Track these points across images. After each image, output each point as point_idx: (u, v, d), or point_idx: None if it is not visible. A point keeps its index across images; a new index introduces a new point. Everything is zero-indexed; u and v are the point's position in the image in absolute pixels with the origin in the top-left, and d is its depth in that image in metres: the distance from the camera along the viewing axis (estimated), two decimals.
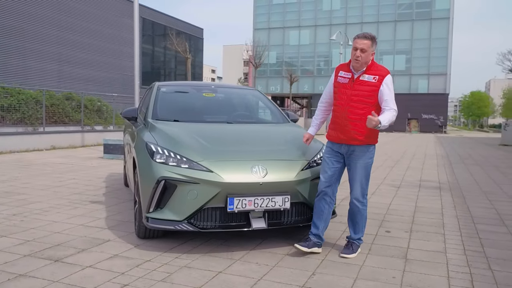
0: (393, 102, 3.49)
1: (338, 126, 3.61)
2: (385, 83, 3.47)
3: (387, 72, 3.53)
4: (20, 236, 3.99)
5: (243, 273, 3.22)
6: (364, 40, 3.45)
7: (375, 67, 3.53)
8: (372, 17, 46.50)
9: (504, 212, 5.41)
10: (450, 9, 43.81)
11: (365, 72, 3.51)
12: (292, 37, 49.48)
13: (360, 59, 3.45)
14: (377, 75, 3.49)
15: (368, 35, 3.50)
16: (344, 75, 3.62)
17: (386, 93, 3.46)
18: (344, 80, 3.60)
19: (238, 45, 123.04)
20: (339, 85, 3.63)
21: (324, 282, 3.08)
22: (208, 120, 4.66)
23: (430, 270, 3.36)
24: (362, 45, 3.44)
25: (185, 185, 3.48)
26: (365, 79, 3.50)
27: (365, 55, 3.44)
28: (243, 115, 5.02)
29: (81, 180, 7.11)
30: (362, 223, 3.72)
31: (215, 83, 6.02)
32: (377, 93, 3.48)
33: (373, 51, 3.50)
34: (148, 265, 3.33)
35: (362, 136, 3.53)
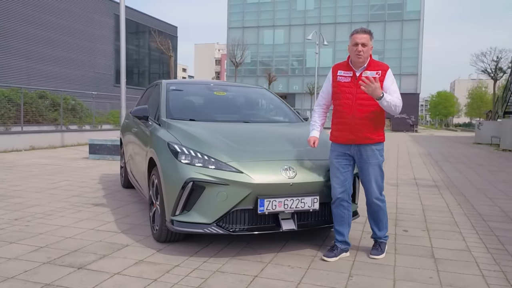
0: (397, 93, 3.47)
1: (347, 127, 3.50)
2: (388, 76, 3.46)
3: (387, 66, 3.52)
4: (31, 242, 3.77)
5: (279, 276, 3.14)
6: (363, 34, 3.42)
7: (375, 63, 3.50)
8: (345, 17, 47.09)
9: (507, 209, 5.52)
10: (421, 11, 44.88)
11: (367, 69, 3.45)
12: (267, 36, 49.53)
13: (362, 54, 3.39)
14: (379, 70, 3.45)
15: (367, 29, 3.48)
16: (344, 74, 3.52)
17: (389, 87, 3.44)
18: (346, 79, 3.50)
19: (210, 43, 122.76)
20: (341, 85, 3.52)
21: (364, 284, 3.03)
22: (224, 119, 4.53)
23: (462, 269, 3.36)
24: (362, 40, 3.39)
25: (214, 186, 3.36)
26: (368, 75, 3.40)
27: (366, 49, 3.40)
28: (258, 114, 4.92)
29: (74, 182, 6.83)
30: (385, 220, 3.67)
31: (222, 81, 5.89)
32: (381, 88, 3.39)
33: (372, 46, 3.46)
34: (179, 271, 3.20)
35: (374, 134, 3.48)
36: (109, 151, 9.98)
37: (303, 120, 4.92)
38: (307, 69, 48.69)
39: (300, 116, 4.96)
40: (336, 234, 3.61)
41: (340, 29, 47.01)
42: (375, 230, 3.69)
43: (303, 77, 48.09)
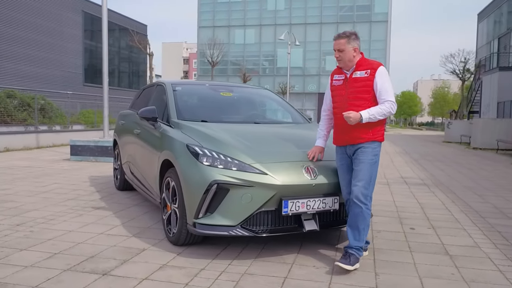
0: (388, 93, 3.36)
1: (340, 128, 3.51)
2: (377, 75, 3.37)
3: (379, 64, 3.44)
4: (42, 249, 3.63)
5: (308, 277, 3.15)
6: (338, 40, 3.41)
7: (366, 62, 3.44)
8: (315, 18, 47.61)
9: (499, 206, 5.74)
10: (388, 13, 45.95)
11: (356, 69, 3.43)
12: (238, 36, 49.43)
13: (340, 59, 3.41)
14: (369, 69, 3.40)
15: (343, 34, 3.43)
16: (338, 77, 3.56)
17: (380, 85, 3.36)
18: (339, 82, 3.54)
19: (178, 42, 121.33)
20: (335, 88, 3.57)
21: (392, 282, 3.09)
22: (235, 121, 4.50)
23: (479, 265, 3.47)
24: (337, 46, 3.41)
25: (238, 188, 3.34)
26: (357, 75, 3.42)
27: (344, 53, 3.39)
28: (266, 115, 4.92)
29: (65, 185, 6.61)
30: (362, 229, 3.34)
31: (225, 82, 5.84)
32: (372, 87, 3.38)
33: (355, 46, 3.40)
34: (207, 274, 3.16)
35: (366, 134, 3.40)
36: (92, 153, 9.72)
37: (308, 120, 4.96)
38: (278, 68, 48.94)
39: (305, 117, 5.00)
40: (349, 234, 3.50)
41: (310, 30, 47.52)
42: (350, 238, 3.37)
43: (274, 77, 48.30)
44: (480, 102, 26.64)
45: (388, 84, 3.40)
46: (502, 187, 7.34)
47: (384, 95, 3.36)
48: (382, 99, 3.37)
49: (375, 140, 3.44)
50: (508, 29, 29.03)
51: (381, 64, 3.47)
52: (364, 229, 3.37)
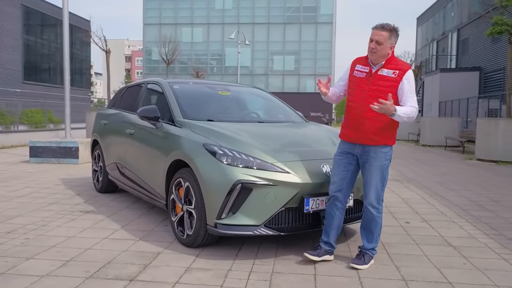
0: (414, 99, 3.24)
1: (352, 125, 3.34)
2: (405, 78, 3.22)
3: (408, 67, 3.30)
4: (50, 256, 3.42)
5: (336, 272, 3.21)
6: (381, 31, 3.19)
7: (395, 61, 3.28)
8: (263, 18, 48.10)
9: (473, 199, 6.12)
10: (333, 14, 47.37)
11: (384, 66, 3.24)
12: (185, 34, 48.84)
13: (375, 51, 3.20)
14: (397, 69, 3.23)
15: (387, 26, 3.21)
16: (361, 69, 3.33)
17: (406, 89, 3.22)
18: (361, 75, 3.31)
19: (120, 39, 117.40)
20: (355, 80, 3.34)
21: (417, 274, 3.22)
22: (240, 120, 4.47)
23: (483, 254, 3.70)
24: (378, 37, 3.18)
25: (262, 188, 3.33)
26: (384, 73, 3.24)
27: (381, 47, 3.18)
28: (267, 114, 4.92)
29: (38, 189, 6.23)
30: (376, 232, 3.40)
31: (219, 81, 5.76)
32: (396, 89, 3.22)
33: (392, 44, 3.22)
34: (236, 275, 3.13)
35: (379, 136, 3.26)
36: (54, 154, 9.21)
37: (305, 120, 5.03)
38: (226, 68, 48.94)
39: (301, 116, 5.06)
40: (323, 234, 3.45)
41: (258, 29, 47.93)
42: (363, 240, 3.43)
43: (222, 76, 48.24)
44: (422, 101, 28.19)
45: (414, 89, 3.30)
46: (466, 181, 7.83)
47: (410, 100, 3.23)
48: (407, 104, 3.21)
49: (387, 144, 3.33)
50: (444, 33, 30.94)
51: (410, 66, 3.37)
52: (377, 232, 3.41)
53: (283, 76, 48.49)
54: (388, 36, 3.19)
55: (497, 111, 17.93)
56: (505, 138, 10.76)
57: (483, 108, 18.84)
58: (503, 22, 11.12)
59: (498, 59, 21.86)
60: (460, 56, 27.80)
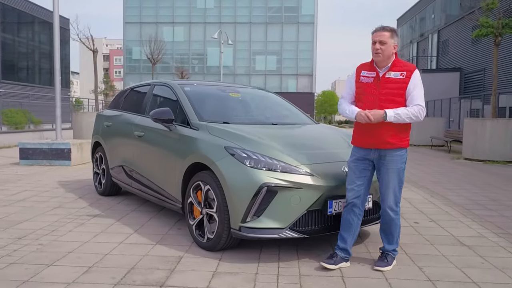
0: (420, 98, 3.26)
1: (367, 130, 3.32)
2: (413, 78, 3.25)
3: (414, 67, 3.31)
4: (70, 263, 3.35)
5: (364, 274, 3.24)
6: (382, 32, 3.24)
7: (401, 63, 3.31)
8: (245, 18, 48.07)
9: (472, 198, 6.27)
10: (315, 15, 47.69)
11: (391, 69, 3.27)
12: (166, 33, 48.38)
13: (381, 52, 3.23)
14: (404, 71, 3.26)
15: (387, 27, 3.28)
16: (367, 74, 3.35)
17: (411, 89, 3.24)
18: (368, 80, 3.33)
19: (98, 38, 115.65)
20: (363, 86, 3.36)
21: (441, 274, 3.27)
22: (254, 122, 4.46)
23: (497, 253, 3.79)
24: (380, 37, 3.22)
25: (287, 190, 3.33)
26: (391, 76, 3.26)
27: (385, 47, 3.22)
28: (279, 116, 4.91)
29: (37, 192, 6.08)
30: (396, 233, 3.45)
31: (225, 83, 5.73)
32: (405, 90, 3.25)
33: (395, 44, 3.27)
34: (265, 278, 3.13)
35: (395, 139, 3.28)
36: (46, 156, 9.01)
37: (314, 121, 5.05)
38: (208, 67, 48.72)
39: (310, 117, 5.09)
40: (339, 240, 3.41)
41: (240, 29, 47.89)
42: (384, 242, 3.49)
43: (204, 76, 48.02)
44: None
45: (421, 89, 3.29)
46: (460, 180, 8.00)
47: (415, 99, 3.24)
48: (412, 103, 3.24)
49: (403, 146, 3.33)
50: (424, 34, 31.53)
51: (415, 67, 3.37)
52: (397, 233, 3.45)
53: (265, 76, 48.59)
54: (390, 35, 3.25)
55: (479, 111, 18.37)
56: (492, 138, 11.04)
57: (465, 108, 19.28)
58: (488, 24, 11.41)
59: (478, 60, 22.41)
60: (441, 57, 28.39)
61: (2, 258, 3.44)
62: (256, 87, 5.74)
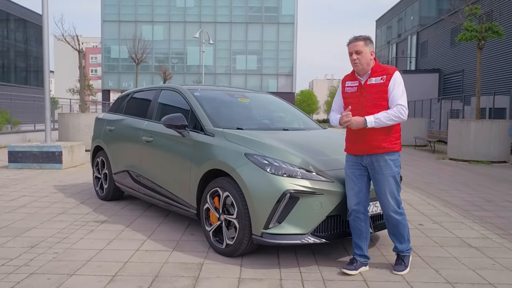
0: (399, 97, 3.31)
1: (356, 137, 3.41)
2: (393, 80, 3.31)
3: (394, 69, 3.38)
4: (92, 272, 3.33)
5: (383, 278, 3.32)
6: (356, 42, 3.35)
7: (381, 68, 3.38)
8: (225, 17, 47.94)
9: (467, 199, 6.46)
10: (295, 15, 47.94)
11: (371, 75, 3.36)
12: (145, 32, 47.72)
13: (358, 61, 3.34)
14: (384, 74, 3.34)
15: (359, 36, 3.39)
16: (351, 84, 3.47)
17: (390, 90, 3.31)
18: (353, 89, 3.45)
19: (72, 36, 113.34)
20: (349, 95, 3.47)
21: (456, 276, 3.38)
22: (267, 127, 4.49)
23: (504, 254, 3.93)
24: (355, 47, 3.33)
25: (308, 197, 3.39)
26: (372, 82, 3.35)
27: (362, 56, 3.33)
28: (289, 121, 4.96)
29: (36, 197, 5.97)
30: (406, 233, 3.49)
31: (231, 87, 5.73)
32: (387, 93, 3.32)
33: (371, 50, 3.38)
34: (290, 284, 3.18)
35: (385, 143, 3.34)
36: (36, 159, 8.83)
37: (320, 126, 5.13)
38: (188, 67, 48.40)
39: (315, 121, 5.16)
40: (354, 248, 3.48)
41: (220, 28, 47.74)
42: (396, 244, 3.52)
43: (184, 75, 47.68)
44: None
45: (400, 89, 3.33)
46: (451, 181, 8.23)
47: (395, 99, 3.30)
48: (393, 103, 3.31)
49: (394, 150, 3.39)
50: (403, 36, 32.12)
51: (396, 69, 3.42)
52: (407, 232, 3.49)
53: (245, 75, 48.58)
54: (364, 43, 3.35)
55: (459, 111, 18.86)
56: (476, 139, 11.37)
57: (445, 108, 19.75)
58: (472, 28, 11.73)
59: (456, 62, 22.99)
60: (420, 58, 28.98)
61: (20, 268, 3.39)
62: (260, 91, 5.77)
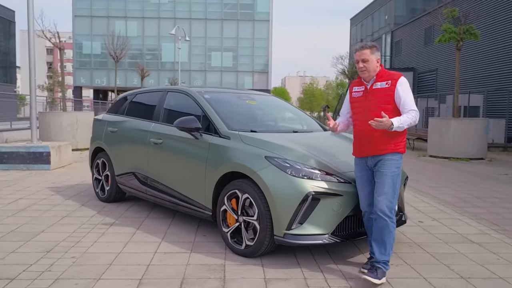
0: (411, 103, 3.40)
1: (362, 140, 3.52)
2: (398, 85, 3.39)
3: (399, 75, 3.46)
4: (117, 276, 3.35)
5: (402, 275, 3.47)
6: (362, 50, 3.45)
7: (386, 73, 3.48)
8: (200, 13, 47.62)
9: (458, 196, 6.74)
10: (270, 13, 48.10)
11: (377, 80, 3.46)
12: (118, 27, 46.90)
13: (365, 69, 3.44)
14: (389, 79, 3.43)
15: (365, 44, 3.49)
16: (357, 89, 3.59)
17: (401, 95, 3.37)
18: (359, 94, 3.56)
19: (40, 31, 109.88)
20: (356, 100, 3.59)
21: (469, 271, 3.57)
22: (278, 130, 4.57)
23: (504, 249, 4.16)
24: (362, 55, 3.43)
25: (328, 198, 3.50)
26: (378, 86, 3.45)
27: (368, 64, 3.43)
28: (296, 123, 5.05)
29: (34, 200, 5.86)
30: (389, 243, 3.35)
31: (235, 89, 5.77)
32: (393, 97, 3.40)
33: (378, 57, 3.48)
34: (316, 283, 3.29)
35: (388, 145, 3.41)
36: (23, 160, 8.62)
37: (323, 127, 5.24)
38: (163, 63, 47.86)
39: (319, 122, 5.28)
40: (370, 247, 3.52)
41: (195, 25, 47.39)
42: (375, 251, 3.38)
43: (159, 72, 47.11)
44: None
45: (410, 94, 3.44)
46: (438, 178, 8.54)
47: (408, 105, 3.38)
48: (406, 109, 3.38)
49: (397, 151, 3.43)
50: (377, 34, 32.78)
51: (402, 74, 3.50)
52: (390, 243, 3.37)
53: (221, 72, 48.45)
54: (370, 52, 3.45)
55: (434, 109, 19.46)
56: (456, 136, 11.79)
57: (421, 106, 20.31)
58: (451, 30, 12.13)
59: (430, 61, 23.66)
60: (394, 57, 29.65)
61: (43, 273, 3.37)
62: (263, 93, 5.80)
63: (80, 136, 12.29)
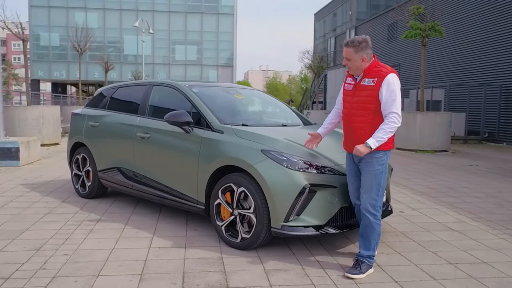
0: (392, 104, 3.24)
1: (346, 135, 3.54)
2: (384, 84, 3.24)
3: (387, 73, 3.28)
4: (116, 272, 3.32)
5: (398, 262, 3.62)
6: (345, 48, 3.35)
7: (376, 69, 3.32)
8: (163, 6, 46.78)
9: (432, 186, 7.02)
10: (234, 6, 47.88)
11: (365, 76, 3.35)
12: (78, 19, 45.32)
13: (349, 66, 3.39)
14: (376, 77, 3.28)
15: (351, 42, 3.32)
16: (350, 81, 3.50)
17: (383, 96, 3.25)
18: (349, 87, 3.49)
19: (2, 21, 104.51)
20: (346, 92, 3.53)
21: (455, 257, 3.76)
22: (268, 123, 4.61)
23: (482, 235, 4.39)
24: (345, 54, 3.37)
25: (324, 190, 3.59)
26: (365, 83, 3.34)
27: (351, 62, 3.35)
28: (283, 117, 5.09)
29: (10, 198, 5.64)
30: (373, 239, 3.40)
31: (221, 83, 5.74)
32: (376, 97, 3.27)
33: (363, 56, 3.30)
34: (315, 273, 3.38)
35: None
36: None
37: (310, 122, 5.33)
38: (125, 56, 46.77)
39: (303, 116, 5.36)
40: None
41: (158, 17, 46.53)
42: (360, 246, 3.46)
43: (121, 65, 45.96)
44: (325, 94, 30.17)
45: (393, 94, 3.25)
46: (408, 170, 8.85)
47: (388, 106, 3.25)
48: (386, 111, 3.27)
49: (380, 149, 3.33)
50: (341, 30, 33.34)
51: (392, 71, 3.32)
52: (374, 239, 3.40)
53: (185, 66, 47.87)
54: (354, 50, 3.30)
55: None
56: (422, 130, 12.24)
57: None
58: (417, 26, 12.55)
59: (393, 56, 24.33)
60: None
61: (37, 272, 3.29)
62: (248, 87, 5.79)
63: (46, 131, 11.88)
